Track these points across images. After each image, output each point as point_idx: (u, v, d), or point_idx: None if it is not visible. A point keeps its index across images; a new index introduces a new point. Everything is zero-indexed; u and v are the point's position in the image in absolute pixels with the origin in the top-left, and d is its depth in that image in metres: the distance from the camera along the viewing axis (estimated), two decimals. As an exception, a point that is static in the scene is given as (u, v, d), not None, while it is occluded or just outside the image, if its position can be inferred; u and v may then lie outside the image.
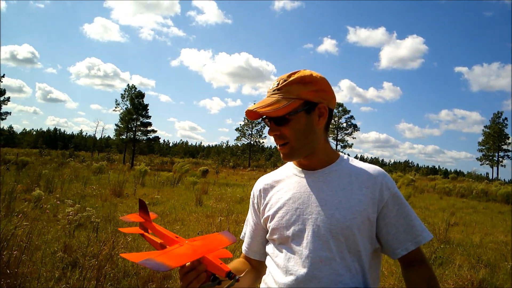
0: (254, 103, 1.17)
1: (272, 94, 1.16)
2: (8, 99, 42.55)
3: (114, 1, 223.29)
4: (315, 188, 1.18)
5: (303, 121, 1.14)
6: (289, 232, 1.16)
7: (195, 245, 1.03)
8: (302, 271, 1.09)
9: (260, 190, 1.32)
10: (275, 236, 1.21)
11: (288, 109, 1.11)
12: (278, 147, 1.20)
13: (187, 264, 0.99)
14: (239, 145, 59.77)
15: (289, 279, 1.11)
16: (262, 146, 60.47)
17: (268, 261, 1.24)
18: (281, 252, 1.17)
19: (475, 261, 5.33)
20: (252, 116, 1.18)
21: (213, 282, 0.98)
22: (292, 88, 1.13)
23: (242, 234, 1.43)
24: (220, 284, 0.99)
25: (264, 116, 1.18)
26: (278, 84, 1.16)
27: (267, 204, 1.27)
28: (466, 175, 55.21)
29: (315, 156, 1.21)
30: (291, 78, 1.15)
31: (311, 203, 1.16)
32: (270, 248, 1.24)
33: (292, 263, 1.13)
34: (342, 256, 1.09)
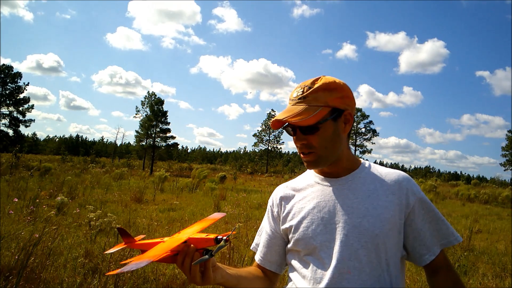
0: (273, 112, 1.14)
1: (297, 102, 1.12)
2: (32, 106, 43.57)
3: (136, 10, 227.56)
4: (340, 196, 1.15)
5: (330, 129, 1.12)
6: (316, 242, 1.12)
7: (178, 236, 1.04)
8: (330, 282, 1.06)
9: (280, 198, 1.28)
10: (300, 247, 1.16)
11: (318, 118, 1.08)
12: (301, 155, 1.16)
13: (178, 257, 1.00)
14: (257, 151, 59.76)
15: None
16: (280, 152, 60.28)
17: (292, 273, 1.20)
18: (308, 263, 1.14)
19: (500, 269, 5.17)
20: (276, 125, 1.14)
21: (205, 256, 0.98)
22: (319, 96, 1.10)
23: (253, 245, 1.37)
24: (213, 256, 0.99)
25: (286, 124, 1.14)
26: (303, 91, 1.12)
27: (288, 213, 1.23)
28: (489, 181, 53.76)
29: (339, 163, 1.18)
30: (316, 85, 1.11)
31: (337, 212, 1.12)
32: (293, 260, 1.20)
33: (319, 274, 1.09)
34: (372, 266, 1.06)
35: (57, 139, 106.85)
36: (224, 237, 0.97)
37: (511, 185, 41.94)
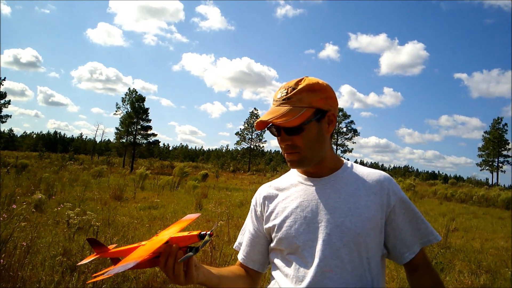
0: (256, 110, 1.13)
1: (282, 103, 1.12)
2: (8, 102, 42.61)
3: (117, 6, 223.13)
4: (323, 196, 1.16)
5: (314, 130, 1.12)
6: (299, 242, 1.13)
7: (157, 238, 1.03)
8: (312, 280, 1.07)
9: (263, 197, 1.28)
10: (283, 246, 1.17)
11: (302, 119, 1.09)
12: (285, 154, 1.16)
13: (160, 258, 0.98)
14: (239, 149, 59.75)
15: None
16: (262, 150, 60.47)
17: (275, 272, 1.21)
18: (290, 261, 1.14)
19: (476, 266, 5.32)
20: (261, 126, 1.14)
21: (190, 253, 0.96)
22: (303, 96, 1.11)
23: (236, 243, 1.37)
24: (198, 251, 0.98)
25: (270, 125, 1.14)
26: (287, 92, 1.12)
27: (272, 212, 1.23)
28: (466, 180, 55.11)
29: (322, 163, 1.19)
30: (300, 86, 1.12)
31: (320, 211, 1.13)
32: (276, 259, 1.21)
33: (302, 272, 1.10)
34: (353, 265, 1.08)
35: (35, 136, 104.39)
36: (208, 232, 0.96)
37: (487, 185, 43.08)
